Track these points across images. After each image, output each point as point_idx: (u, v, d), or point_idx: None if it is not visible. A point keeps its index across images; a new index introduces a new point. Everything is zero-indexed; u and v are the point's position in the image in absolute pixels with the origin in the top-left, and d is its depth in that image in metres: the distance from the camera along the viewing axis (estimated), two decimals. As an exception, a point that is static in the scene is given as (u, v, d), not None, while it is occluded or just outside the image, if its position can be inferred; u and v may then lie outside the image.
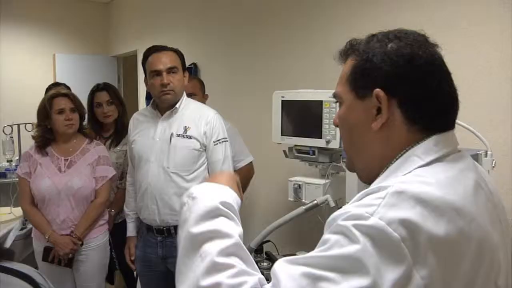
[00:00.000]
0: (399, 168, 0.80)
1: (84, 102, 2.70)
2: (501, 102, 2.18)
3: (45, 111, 2.48)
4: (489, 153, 1.89)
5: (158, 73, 2.24)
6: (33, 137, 2.58)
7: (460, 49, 2.33)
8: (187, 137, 2.26)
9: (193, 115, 2.31)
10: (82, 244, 2.48)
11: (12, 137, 4.28)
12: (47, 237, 2.43)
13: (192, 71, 4.33)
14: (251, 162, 2.88)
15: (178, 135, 2.26)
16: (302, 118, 2.28)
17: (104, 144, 2.89)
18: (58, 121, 2.48)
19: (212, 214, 0.82)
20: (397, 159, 0.82)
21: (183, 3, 4.80)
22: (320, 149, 2.21)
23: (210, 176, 0.97)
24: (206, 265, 0.73)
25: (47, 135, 2.52)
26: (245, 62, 3.83)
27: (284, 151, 2.42)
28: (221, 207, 0.84)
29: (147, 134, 2.35)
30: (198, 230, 0.79)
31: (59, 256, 2.45)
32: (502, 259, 0.78)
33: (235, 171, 2.85)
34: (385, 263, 0.65)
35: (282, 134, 2.35)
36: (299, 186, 2.25)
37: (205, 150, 2.29)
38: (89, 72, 6.09)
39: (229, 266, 0.73)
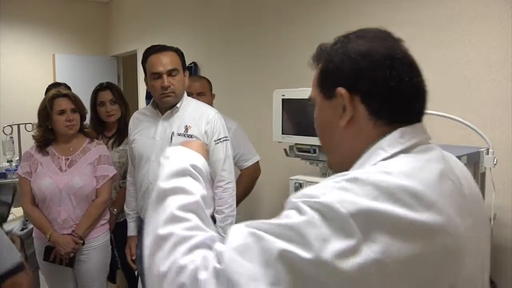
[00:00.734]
0: (366, 161, 0.82)
1: (84, 102, 2.69)
2: (502, 100, 2.18)
3: (46, 112, 2.48)
4: (490, 150, 1.89)
5: (158, 75, 2.23)
6: (34, 137, 2.57)
7: (460, 47, 2.33)
8: (188, 136, 2.26)
9: (194, 114, 2.31)
10: (83, 244, 2.48)
11: (12, 137, 4.28)
12: (48, 237, 2.43)
13: (192, 70, 4.33)
14: (257, 162, 2.90)
15: (179, 134, 2.26)
16: (302, 116, 2.27)
17: (107, 143, 2.89)
18: (59, 122, 2.48)
19: (181, 173, 0.89)
20: (365, 153, 0.83)
21: (183, 2, 4.80)
22: (321, 147, 2.19)
23: (182, 144, 1.04)
24: (165, 216, 0.80)
25: (48, 135, 2.52)
26: (245, 61, 3.83)
27: (285, 150, 2.42)
28: (191, 168, 0.91)
29: (147, 134, 2.34)
30: (166, 186, 0.86)
31: (60, 256, 2.45)
32: (470, 250, 0.77)
33: (241, 170, 2.87)
34: (333, 235, 0.67)
35: (282, 133, 2.35)
36: (300, 184, 2.25)
37: (206, 149, 2.29)
38: (89, 72, 6.10)
39: (184, 220, 0.80)
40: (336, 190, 0.71)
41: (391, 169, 0.75)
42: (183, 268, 0.72)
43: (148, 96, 5.06)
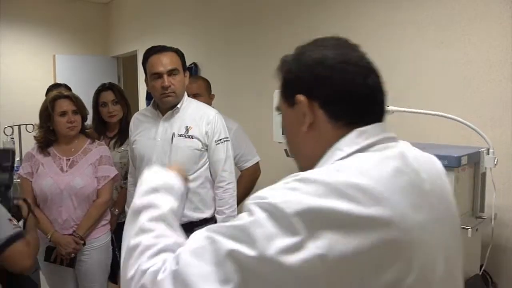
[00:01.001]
0: (325, 162, 0.86)
1: (84, 103, 2.70)
2: (502, 100, 2.18)
3: (47, 113, 2.49)
4: (491, 150, 1.89)
5: (158, 75, 2.24)
6: (36, 138, 2.58)
7: (460, 47, 2.33)
8: (189, 137, 2.26)
9: (194, 115, 2.31)
10: (84, 244, 2.48)
11: (13, 138, 4.29)
12: (49, 237, 2.43)
13: (192, 70, 4.34)
14: (257, 162, 2.90)
15: (180, 135, 2.26)
16: (303, 117, 2.28)
17: (108, 144, 2.90)
18: (60, 123, 2.49)
19: (153, 190, 0.98)
20: (325, 155, 0.87)
21: (183, 3, 4.81)
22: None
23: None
24: (136, 229, 0.88)
25: (49, 136, 2.52)
26: (246, 61, 3.84)
27: (285, 150, 2.41)
28: (162, 185, 0.99)
29: (148, 134, 2.35)
30: (139, 203, 0.94)
31: (61, 256, 2.46)
32: (425, 244, 0.78)
33: (241, 171, 2.87)
34: (278, 234, 0.70)
35: (283, 133, 2.35)
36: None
37: (206, 150, 2.29)
38: (89, 72, 6.11)
39: (152, 230, 0.87)
40: (285, 190, 0.75)
41: (342, 167, 0.79)
42: (145, 271, 0.79)
43: (149, 97, 5.06)
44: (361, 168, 0.78)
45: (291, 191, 0.74)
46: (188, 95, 2.45)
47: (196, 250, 0.75)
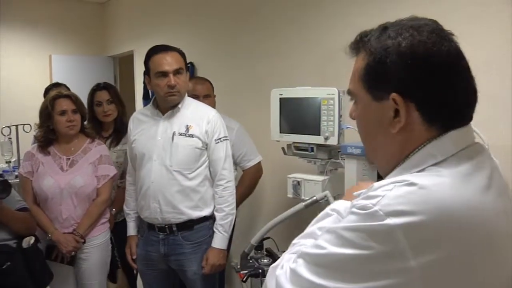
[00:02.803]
0: (414, 164, 0.81)
1: (82, 103, 2.72)
2: (501, 100, 2.19)
3: (47, 112, 2.51)
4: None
5: (164, 74, 2.25)
6: (36, 137, 2.61)
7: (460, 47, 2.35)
8: (189, 136, 2.29)
9: (194, 114, 2.34)
10: (84, 242, 2.50)
11: (10, 138, 4.28)
12: (49, 236, 2.45)
13: (189, 70, 4.35)
14: (259, 162, 2.92)
15: (180, 134, 2.29)
16: (300, 115, 2.31)
17: (104, 143, 2.92)
18: (60, 123, 2.51)
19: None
20: (413, 154, 0.82)
21: (179, 3, 4.81)
22: (319, 145, 2.24)
23: None
24: None
25: (49, 135, 2.55)
26: (243, 60, 3.85)
27: (283, 148, 2.45)
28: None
29: (148, 133, 2.37)
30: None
31: (61, 254, 2.47)
32: (508, 250, 0.79)
33: (244, 171, 2.89)
34: (378, 248, 0.70)
35: (280, 132, 2.38)
36: (298, 182, 2.28)
37: (206, 148, 2.32)
38: (86, 72, 6.08)
39: None
40: (385, 199, 0.74)
41: (442, 176, 0.76)
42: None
43: (146, 97, 5.06)
44: (460, 179, 0.76)
45: (392, 200, 0.73)
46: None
47: None
